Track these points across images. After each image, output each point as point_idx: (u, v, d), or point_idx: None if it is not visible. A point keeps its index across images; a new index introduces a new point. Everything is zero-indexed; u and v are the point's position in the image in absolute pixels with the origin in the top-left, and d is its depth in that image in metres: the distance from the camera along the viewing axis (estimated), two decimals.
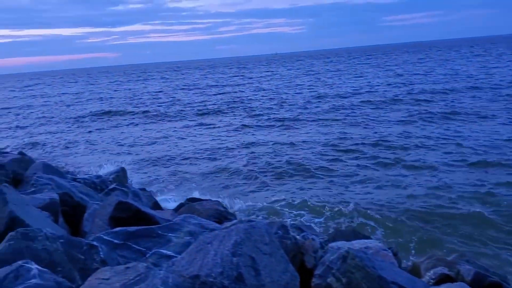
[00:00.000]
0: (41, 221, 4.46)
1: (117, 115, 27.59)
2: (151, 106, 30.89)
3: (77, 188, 6.90)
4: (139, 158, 15.14)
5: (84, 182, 7.80)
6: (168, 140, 18.22)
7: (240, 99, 31.67)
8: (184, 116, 25.09)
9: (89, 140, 19.50)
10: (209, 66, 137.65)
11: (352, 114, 20.75)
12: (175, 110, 27.71)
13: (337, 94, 29.41)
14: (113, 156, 15.68)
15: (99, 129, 22.71)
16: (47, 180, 6.39)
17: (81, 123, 25.28)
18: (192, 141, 17.49)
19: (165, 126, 22.24)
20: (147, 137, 19.31)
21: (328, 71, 58.72)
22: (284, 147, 14.92)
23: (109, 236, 4.26)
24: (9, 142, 20.63)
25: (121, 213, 5.15)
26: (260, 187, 11.05)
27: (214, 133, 18.98)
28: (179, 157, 14.87)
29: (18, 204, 4.26)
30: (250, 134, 18.09)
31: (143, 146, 17.35)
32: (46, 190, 5.96)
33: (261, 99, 30.43)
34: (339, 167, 12.07)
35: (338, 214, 7.93)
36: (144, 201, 7.41)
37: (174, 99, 35.46)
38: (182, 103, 31.62)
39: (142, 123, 23.75)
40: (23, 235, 3.55)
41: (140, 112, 28.01)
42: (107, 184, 8.19)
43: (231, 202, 10.05)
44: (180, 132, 19.89)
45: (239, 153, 14.89)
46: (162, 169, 13.50)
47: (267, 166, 12.81)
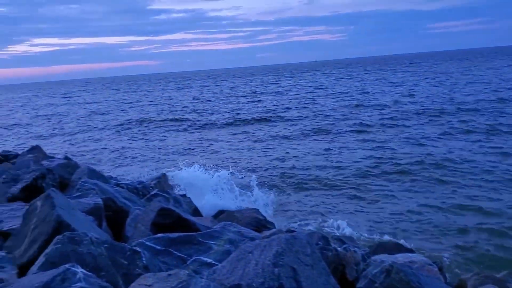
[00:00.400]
0: (86, 225, 4.56)
1: (158, 122, 28.12)
2: (191, 114, 31.30)
3: (120, 193, 7.04)
4: (180, 164, 15.34)
5: (127, 187, 7.95)
6: (206, 147, 18.34)
7: (277, 107, 31.61)
8: (223, 124, 25.22)
9: (131, 147, 19.96)
10: (248, 73, 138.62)
11: (401, 127, 19.96)
12: (213, 118, 27.97)
13: (377, 104, 28.76)
14: (155, 163, 15.97)
15: (140, 136, 23.20)
16: (92, 185, 6.55)
17: (124, 130, 25.91)
18: (230, 149, 17.52)
19: (203, 133, 22.47)
20: (187, 143, 19.57)
21: (375, 80, 57.74)
22: (323, 158, 14.71)
23: (151, 242, 4.31)
24: (54, 147, 21.38)
25: (163, 219, 5.21)
26: (299, 197, 10.97)
27: (253, 142, 18.96)
28: (218, 165, 14.97)
29: (65, 208, 4.37)
30: (288, 144, 17.94)
31: (183, 152, 17.58)
32: (90, 195, 6.10)
33: (297, 108, 30.24)
34: (383, 181, 11.75)
35: (380, 227, 7.74)
36: (185, 207, 7.47)
37: (213, 106, 35.87)
38: (221, 111, 31.90)
39: (182, 130, 24.08)
40: (69, 239, 3.64)
41: (179, 119, 28.45)
42: (149, 190, 8.32)
43: (269, 211, 10.03)
44: (221, 141, 20.01)
45: (276, 162, 14.82)
46: (202, 176, 13.60)
47: (306, 176, 12.69)
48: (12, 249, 4.16)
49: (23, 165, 9.46)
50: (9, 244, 4.27)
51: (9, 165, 9.91)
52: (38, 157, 10.44)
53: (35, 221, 4.29)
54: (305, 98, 36.77)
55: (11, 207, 5.04)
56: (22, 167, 9.32)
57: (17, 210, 4.95)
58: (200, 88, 71.68)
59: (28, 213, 4.42)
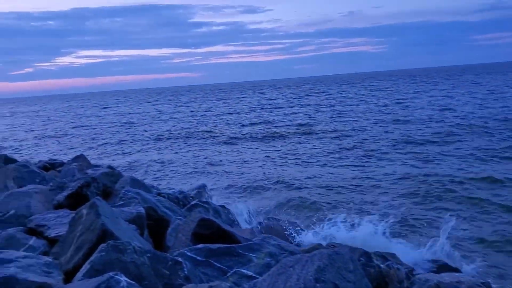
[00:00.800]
0: (129, 234, 4.63)
1: (197, 133, 28.47)
2: (230, 127, 31.54)
3: (161, 202, 7.14)
4: (219, 176, 15.45)
5: (168, 197, 8.06)
6: (247, 161, 18.29)
7: (311, 119, 31.37)
8: (261, 137, 25.18)
9: (172, 157, 20.28)
10: (286, 85, 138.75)
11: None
12: (248, 130, 28.06)
13: (419, 117, 27.96)
14: (195, 173, 16.15)
15: (181, 147, 23.54)
16: (134, 194, 6.67)
17: (165, 141, 26.35)
18: (274, 164, 17.32)
19: (245, 146, 22.55)
20: (228, 156, 19.68)
21: (416, 92, 56.45)
22: (364, 175, 14.30)
23: (192, 253, 4.33)
24: (97, 156, 22.00)
25: (203, 230, 5.24)
26: (338, 211, 10.77)
27: (292, 156, 18.76)
28: (258, 178, 14.95)
29: (109, 217, 4.46)
30: (327, 158, 17.64)
31: (223, 164, 17.68)
32: (133, 204, 6.20)
33: (335, 120, 29.91)
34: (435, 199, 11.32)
35: (424, 244, 7.48)
36: (224, 218, 7.50)
37: (249, 118, 36.06)
38: (257, 122, 32.00)
39: (221, 143, 24.24)
40: (113, 247, 3.70)
41: (217, 131, 28.74)
42: (189, 200, 8.40)
43: (308, 225, 9.91)
44: (259, 154, 19.99)
45: (315, 178, 14.64)
46: (240, 189, 13.65)
47: (349, 192, 12.39)
48: (59, 255, 4.28)
49: (68, 173, 9.76)
50: (55, 250, 4.39)
51: (55, 173, 10.24)
52: (82, 166, 10.75)
53: (80, 228, 4.39)
54: (344, 111, 36.28)
55: (58, 214, 5.19)
56: (67, 175, 9.62)
57: (64, 217, 5.09)
58: (238, 99, 72.29)
59: (74, 220, 4.54)
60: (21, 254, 3.86)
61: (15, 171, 8.36)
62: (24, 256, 3.83)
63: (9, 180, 7.89)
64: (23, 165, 8.63)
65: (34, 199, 6.12)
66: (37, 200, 6.24)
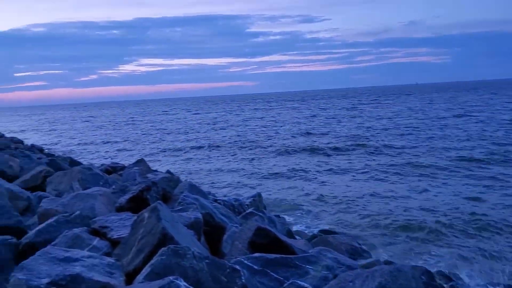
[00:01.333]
0: (187, 239, 4.70)
1: (256, 143, 28.63)
2: (285, 137, 31.49)
3: (218, 209, 7.20)
4: (274, 185, 15.44)
5: (224, 203, 8.13)
6: (304, 172, 18.07)
7: (374, 132, 30.59)
8: (317, 149, 24.87)
9: (225, 165, 20.52)
10: (343, 95, 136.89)
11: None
12: (304, 140, 27.89)
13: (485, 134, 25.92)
14: (248, 182, 16.24)
15: (236, 156, 23.76)
16: (193, 200, 6.78)
17: (224, 148, 26.68)
18: (331, 177, 16.94)
19: (297, 157, 22.42)
20: (282, 165, 19.65)
21: (478, 105, 53.77)
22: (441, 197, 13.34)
23: (249, 261, 4.32)
24: (155, 161, 22.63)
25: (260, 239, 5.22)
26: (399, 229, 10.40)
27: (356, 172, 18.14)
28: (314, 188, 14.81)
29: (169, 221, 4.54)
30: (394, 175, 16.77)
31: (278, 174, 17.64)
32: (191, 209, 6.30)
33: (398, 134, 28.95)
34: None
35: (491, 269, 7.05)
36: (279, 228, 7.46)
37: (306, 128, 35.86)
38: (318, 133, 31.74)
39: (274, 153, 24.20)
40: (173, 251, 3.75)
41: (275, 140, 28.79)
42: (244, 208, 8.44)
43: (364, 239, 9.67)
44: (320, 165, 19.77)
45: (379, 193, 14.23)
46: (295, 198, 13.57)
47: (420, 215, 11.73)
48: (120, 256, 4.40)
49: (129, 177, 10.10)
50: (117, 252, 4.52)
51: (117, 176, 10.63)
52: (143, 170, 11.09)
53: (142, 231, 4.50)
54: (408, 124, 34.83)
55: (121, 217, 5.35)
56: (128, 178, 9.95)
57: (126, 219, 5.24)
58: (293, 109, 72.16)
59: (136, 223, 4.66)
60: (86, 254, 4.00)
61: (80, 173, 8.75)
62: (88, 256, 3.96)
63: (75, 182, 8.25)
64: (87, 167, 9.01)
65: (98, 201, 6.35)
66: (101, 202, 6.47)
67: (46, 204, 6.41)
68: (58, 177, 9.07)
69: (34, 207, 7.39)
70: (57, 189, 8.89)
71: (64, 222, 5.26)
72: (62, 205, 6.38)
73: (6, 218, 5.84)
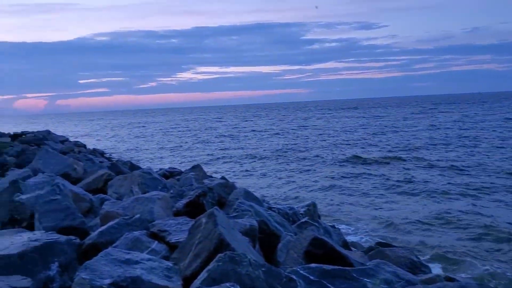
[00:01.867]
0: (243, 246, 4.70)
1: (308, 152, 28.44)
2: (338, 147, 31.05)
3: (272, 217, 7.17)
4: (327, 196, 15.23)
5: (278, 211, 8.09)
6: (357, 183, 17.65)
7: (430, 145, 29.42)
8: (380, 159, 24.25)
9: (279, 173, 20.49)
10: (401, 103, 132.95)
11: None
12: (362, 150, 27.36)
13: None
14: (302, 191, 16.11)
15: (291, 165, 23.67)
16: (248, 207, 6.80)
17: (276, 157, 26.65)
18: (386, 190, 16.33)
19: (350, 168, 22.02)
20: (336, 176, 19.35)
21: None
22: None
23: (305, 271, 4.26)
24: (210, 167, 22.97)
25: (316, 249, 5.14)
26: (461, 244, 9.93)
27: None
28: (370, 200, 14.46)
29: (226, 227, 4.57)
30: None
31: (331, 186, 17.37)
32: (246, 216, 6.32)
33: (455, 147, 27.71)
34: None
35: None
36: (335, 238, 7.32)
37: (357, 138, 35.18)
38: (371, 144, 31.08)
39: (331, 163, 23.90)
40: (230, 258, 3.77)
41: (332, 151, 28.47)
42: (298, 217, 8.36)
43: (422, 252, 9.32)
44: (372, 178, 19.30)
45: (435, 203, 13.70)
46: (351, 210, 13.31)
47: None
48: (178, 260, 4.47)
49: (186, 182, 10.30)
50: (175, 256, 4.60)
51: (174, 181, 10.86)
52: (199, 176, 11.28)
53: (199, 236, 4.56)
54: (468, 136, 32.96)
55: (178, 221, 5.45)
56: (185, 184, 10.15)
57: (183, 224, 5.33)
58: (347, 117, 71.04)
59: (193, 228, 4.73)
60: (145, 257, 4.09)
61: (140, 177, 9.01)
62: (148, 258, 4.06)
63: (135, 186, 8.51)
64: (147, 172, 9.27)
65: (156, 205, 6.51)
66: (159, 206, 6.62)
67: (107, 206, 6.65)
68: (118, 181, 9.39)
69: (96, 209, 7.69)
70: (118, 192, 9.20)
71: (125, 224, 5.43)
72: (122, 208, 6.59)
73: (71, 219, 6.11)
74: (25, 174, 9.96)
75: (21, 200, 6.55)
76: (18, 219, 6.61)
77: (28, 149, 14.63)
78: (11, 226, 6.62)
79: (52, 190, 6.77)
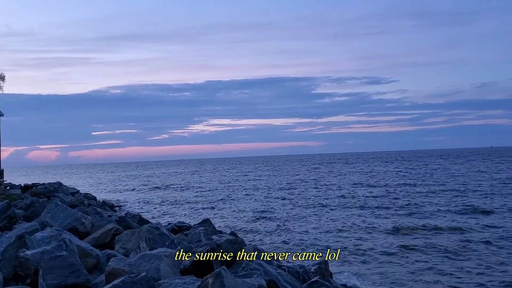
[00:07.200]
0: None
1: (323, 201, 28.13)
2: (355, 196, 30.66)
3: (282, 276, 6.96)
4: (342, 252, 14.85)
5: (288, 270, 7.87)
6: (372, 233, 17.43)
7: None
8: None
9: (289, 225, 20.17)
10: (416, 156, 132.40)
11: None
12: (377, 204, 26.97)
13: None
14: (314, 247, 15.74)
15: (302, 215, 23.37)
16: (257, 265, 6.61)
17: (285, 210, 26.41)
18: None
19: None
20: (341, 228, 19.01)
21: None
22: None
23: None
24: (219, 220, 22.70)
25: None
26: None
27: None
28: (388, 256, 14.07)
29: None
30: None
31: (347, 239, 17.03)
32: (255, 275, 6.13)
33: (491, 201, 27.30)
34: None
35: None
36: None
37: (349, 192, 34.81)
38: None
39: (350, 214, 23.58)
40: None
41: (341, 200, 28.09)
42: (309, 275, 8.11)
43: None
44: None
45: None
46: (361, 270, 12.92)
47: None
48: None
49: (194, 238, 10.13)
50: None
51: (182, 236, 10.69)
52: (208, 231, 11.11)
53: None
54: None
55: (185, 281, 5.30)
56: (194, 239, 9.99)
57: (190, 284, 5.17)
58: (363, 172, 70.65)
59: None
60: None
61: (148, 232, 8.91)
62: None
63: (142, 241, 8.39)
64: (155, 227, 9.16)
65: (163, 263, 6.37)
66: (166, 263, 6.48)
67: (114, 263, 6.52)
68: (126, 236, 9.29)
69: (102, 265, 7.55)
70: (125, 248, 9.08)
71: (130, 283, 5.28)
72: (129, 265, 6.45)
73: (75, 276, 5.99)
74: (33, 227, 9.94)
75: (26, 255, 6.47)
76: (22, 276, 6.51)
77: (38, 202, 14.64)
78: (14, 282, 6.50)
79: (58, 246, 6.69)
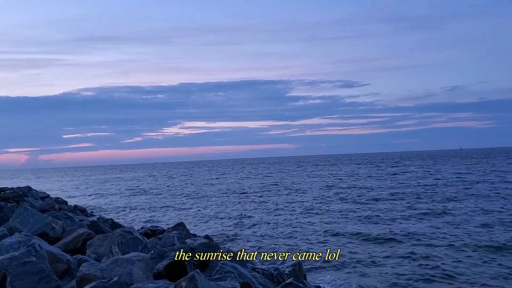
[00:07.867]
0: None
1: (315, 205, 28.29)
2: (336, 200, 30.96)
3: (256, 278, 6.98)
4: (313, 249, 14.97)
5: (263, 273, 7.88)
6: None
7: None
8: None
9: (265, 230, 20.20)
10: (390, 158, 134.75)
11: None
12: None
13: None
14: (288, 249, 15.81)
15: (276, 219, 23.45)
16: (231, 268, 6.61)
17: (260, 213, 26.48)
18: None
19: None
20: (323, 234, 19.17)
21: None
22: None
23: None
24: (194, 224, 22.57)
25: None
26: None
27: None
28: (353, 253, 14.26)
29: None
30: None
31: (320, 243, 17.19)
32: (229, 278, 6.13)
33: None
34: None
35: None
36: None
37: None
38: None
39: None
40: None
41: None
42: (283, 277, 8.14)
43: None
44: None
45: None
46: (336, 263, 13.04)
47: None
48: None
49: (168, 242, 10.05)
50: None
51: (156, 240, 10.59)
52: (182, 234, 11.03)
53: None
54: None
55: (158, 285, 5.25)
56: (167, 243, 9.91)
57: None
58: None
59: None
60: None
61: (120, 236, 8.78)
62: None
63: (115, 246, 8.27)
64: (128, 231, 9.04)
65: (136, 267, 6.30)
66: (139, 268, 6.41)
67: (85, 268, 6.41)
68: (98, 240, 9.14)
69: (73, 270, 7.41)
70: (97, 252, 8.93)
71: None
72: (100, 269, 6.35)
73: (45, 282, 5.86)
74: (1, 233, 9.68)
75: None
76: None
77: (6, 206, 14.25)
78: None
79: (27, 252, 6.53)
